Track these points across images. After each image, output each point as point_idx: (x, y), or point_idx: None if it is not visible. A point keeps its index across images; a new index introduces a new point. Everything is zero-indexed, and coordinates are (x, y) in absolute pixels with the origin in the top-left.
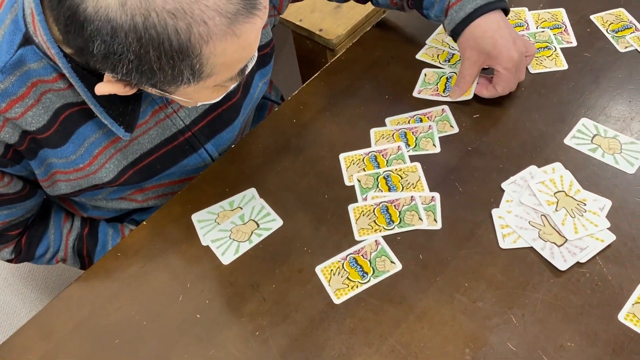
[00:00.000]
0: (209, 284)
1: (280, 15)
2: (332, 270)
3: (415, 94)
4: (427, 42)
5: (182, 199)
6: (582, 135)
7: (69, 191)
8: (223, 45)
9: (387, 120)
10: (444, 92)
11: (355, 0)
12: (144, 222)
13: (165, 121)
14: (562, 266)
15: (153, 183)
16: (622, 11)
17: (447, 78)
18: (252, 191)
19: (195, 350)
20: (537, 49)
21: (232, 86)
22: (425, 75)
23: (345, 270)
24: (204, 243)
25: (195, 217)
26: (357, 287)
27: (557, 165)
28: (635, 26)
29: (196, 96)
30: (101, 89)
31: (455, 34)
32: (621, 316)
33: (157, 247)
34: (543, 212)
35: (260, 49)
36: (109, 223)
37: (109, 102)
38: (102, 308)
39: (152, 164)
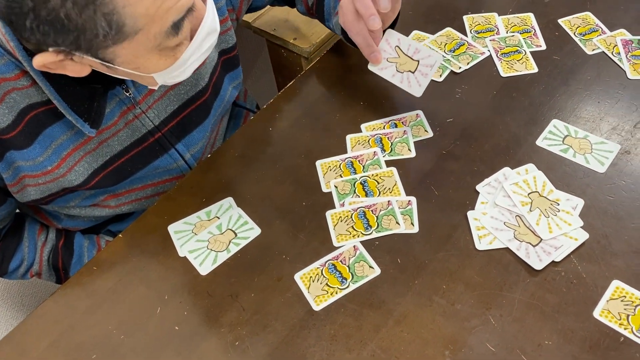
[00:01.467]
0: (187, 295)
1: (254, 25)
2: (311, 277)
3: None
4: None
5: (158, 210)
6: (553, 137)
7: (39, 197)
8: None
9: (363, 126)
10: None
11: (287, 5)
12: (120, 235)
13: (134, 122)
14: (538, 265)
15: (125, 187)
16: (588, 15)
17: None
18: (229, 200)
19: None
20: (508, 52)
21: (183, 53)
22: None
23: (324, 276)
24: (181, 254)
25: (172, 228)
26: (336, 293)
27: (530, 166)
28: (602, 29)
29: (142, 62)
30: (36, 60)
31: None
32: (596, 313)
33: (133, 259)
34: (517, 213)
35: (224, 52)
36: (84, 235)
37: (74, 99)
38: (79, 323)
39: (123, 166)
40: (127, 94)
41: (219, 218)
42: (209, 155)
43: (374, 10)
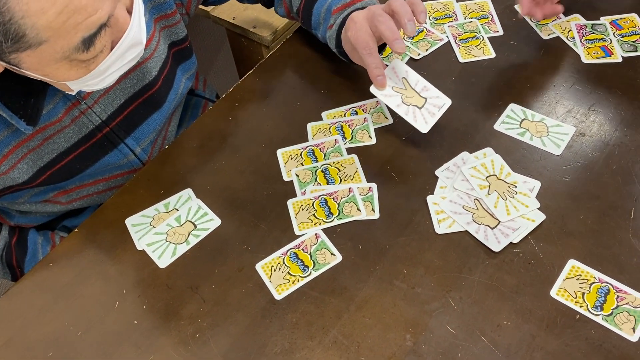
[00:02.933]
0: (145, 289)
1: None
2: (272, 266)
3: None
4: None
5: (115, 204)
6: (511, 120)
7: None
8: (37, 4)
9: (324, 114)
10: None
11: (262, 4)
12: (76, 229)
13: (80, 118)
14: (496, 247)
15: (76, 184)
16: None
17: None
18: (188, 192)
19: (134, 357)
20: (466, 39)
21: (99, 64)
22: None
23: (285, 265)
24: (139, 247)
25: (129, 222)
26: (298, 281)
27: (488, 150)
28: (557, 14)
29: (50, 71)
30: None
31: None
32: (553, 292)
33: (90, 254)
34: (476, 196)
35: (175, 44)
36: (39, 231)
37: (8, 95)
38: (34, 321)
39: (71, 163)
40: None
41: (177, 210)
42: (167, 147)
43: (399, 35)
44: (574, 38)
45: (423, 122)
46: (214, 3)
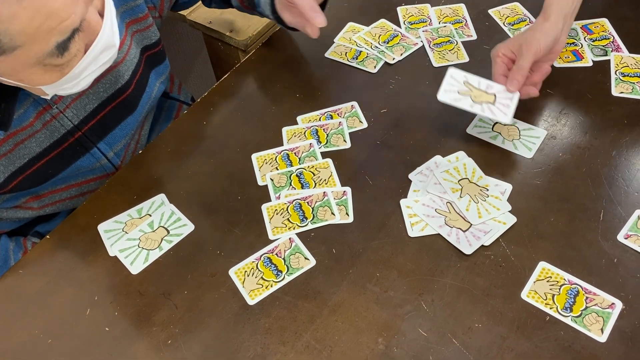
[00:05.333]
0: (117, 295)
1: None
2: (245, 271)
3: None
4: (335, 40)
5: (88, 209)
6: (483, 124)
7: None
8: (9, 10)
9: (299, 118)
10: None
11: (222, 6)
12: (47, 236)
13: (52, 123)
14: (468, 250)
15: (48, 189)
16: (517, 5)
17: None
18: (161, 197)
19: None
20: (440, 43)
21: (74, 68)
22: None
23: (259, 270)
24: (111, 253)
25: (102, 227)
26: (271, 286)
27: (461, 153)
28: (529, 19)
29: (24, 76)
30: None
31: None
32: (524, 294)
33: (61, 260)
34: (448, 200)
35: (148, 48)
36: (11, 237)
37: None
38: (4, 330)
39: (44, 168)
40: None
41: (150, 215)
42: (140, 152)
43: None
44: None
45: (502, 114)
46: (184, 6)
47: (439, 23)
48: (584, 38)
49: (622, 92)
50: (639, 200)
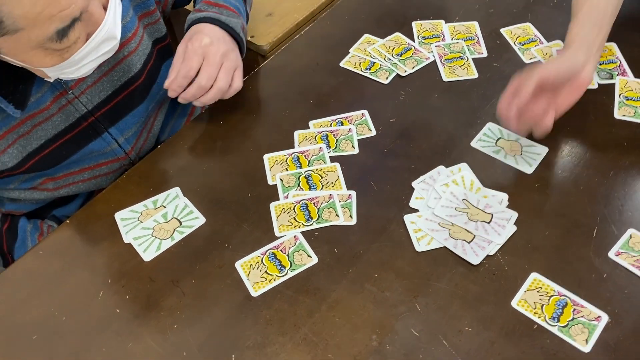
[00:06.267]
0: (129, 280)
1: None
2: (251, 265)
3: None
4: (350, 50)
5: (106, 198)
6: (487, 138)
7: None
8: None
9: (311, 123)
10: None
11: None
12: (67, 221)
13: (67, 107)
14: (475, 260)
15: (62, 171)
16: (528, 26)
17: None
18: (176, 190)
19: (114, 343)
20: (451, 58)
21: (74, 54)
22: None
23: (264, 264)
24: (126, 241)
25: (118, 216)
26: (274, 280)
27: (463, 165)
28: (540, 39)
29: (26, 57)
30: None
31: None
32: (514, 302)
33: (79, 244)
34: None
35: (158, 41)
36: (29, 220)
37: None
38: (22, 305)
39: (58, 150)
40: (59, 79)
41: (165, 207)
42: (159, 147)
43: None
44: None
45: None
46: (179, 5)
47: (452, 39)
48: None
49: (624, 115)
50: (632, 219)
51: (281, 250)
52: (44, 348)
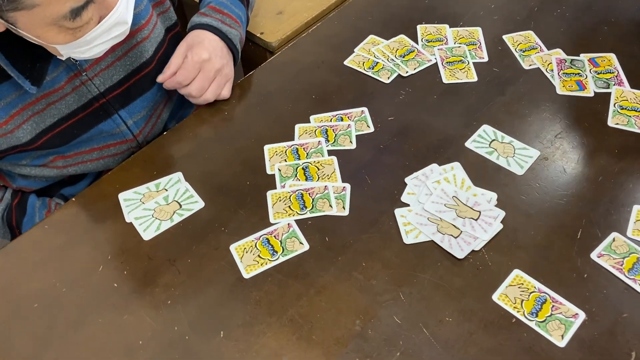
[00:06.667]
0: (128, 257)
1: None
2: (245, 248)
3: None
4: (355, 50)
5: (112, 179)
6: (481, 140)
7: None
8: None
9: (312, 117)
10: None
11: None
12: (73, 198)
13: (80, 88)
14: (460, 255)
15: (73, 150)
16: (530, 33)
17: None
18: (178, 175)
19: (110, 315)
20: (453, 62)
21: (85, 35)
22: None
23: (257, 248)
24: (127, 220)
25: (122, 196)
26: (266, 263)
27: (456, 164)
28: (540, 47)
29: (40, 33)
30: None
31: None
32: (495, 296)
33: (83, 221)
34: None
35: (170, 29)
36: (38, 197)
37: (17, 58)
38: (25, 275)
39: (70, 128)
40: (74, 61)
41: (166, 190)
42: (165, 133)
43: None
44: (552, 70)
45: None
46: None
47: (455, 43)
48: (590, 70)
49: (617, 124)
50: (617, 224)
51: (275, 236)
52: (44, 316)
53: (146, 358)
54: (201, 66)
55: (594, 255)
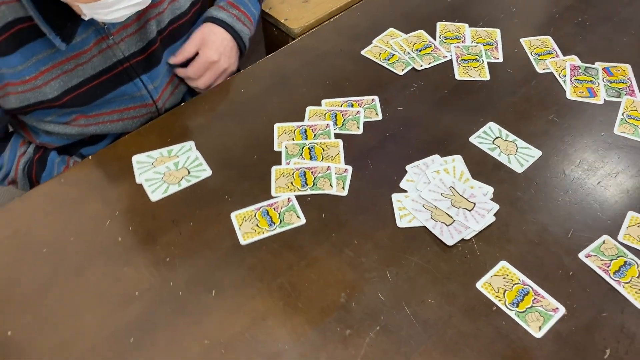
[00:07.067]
0: (134, 215)
1: None
2: (244, 217)
3: None
4: (373, 41)
5: (128, 142)
6: (486, 136)
7: (19, 105)
8: None
9: (323, 101)
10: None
11: None
12: (90, 157)
13: (107, 51)
14: (450, 242)
15: (95, 110)
16: (548, 39)
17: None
18: (190, 143)
19: (111, 266)
20: (468, 59)
21: None
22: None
23: (256, 218)
24: (138, 181)
25: (135, 159)
26: (263, 233)
27: (457, 157)
28: (556, 53)
29: None
30: None
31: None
32: (479, 284)
33: (96, 178)
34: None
35: (195, 3)
36: (59, 154)
37: (50, 15)
38: (38, 222)
39: (94, 88)
40: (102, 25)
41: (178, 157)
42: (182, 104)
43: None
44: (565, 76)
45: (474, 222)
46: None
47: (472, 42)
48: (603, 79)
49: (623, 132)
50: (608, 227)
51: (274, 208)
52: (51, 261)
53: (140, 307)
54: (210, 66)
55: (582, 255)
